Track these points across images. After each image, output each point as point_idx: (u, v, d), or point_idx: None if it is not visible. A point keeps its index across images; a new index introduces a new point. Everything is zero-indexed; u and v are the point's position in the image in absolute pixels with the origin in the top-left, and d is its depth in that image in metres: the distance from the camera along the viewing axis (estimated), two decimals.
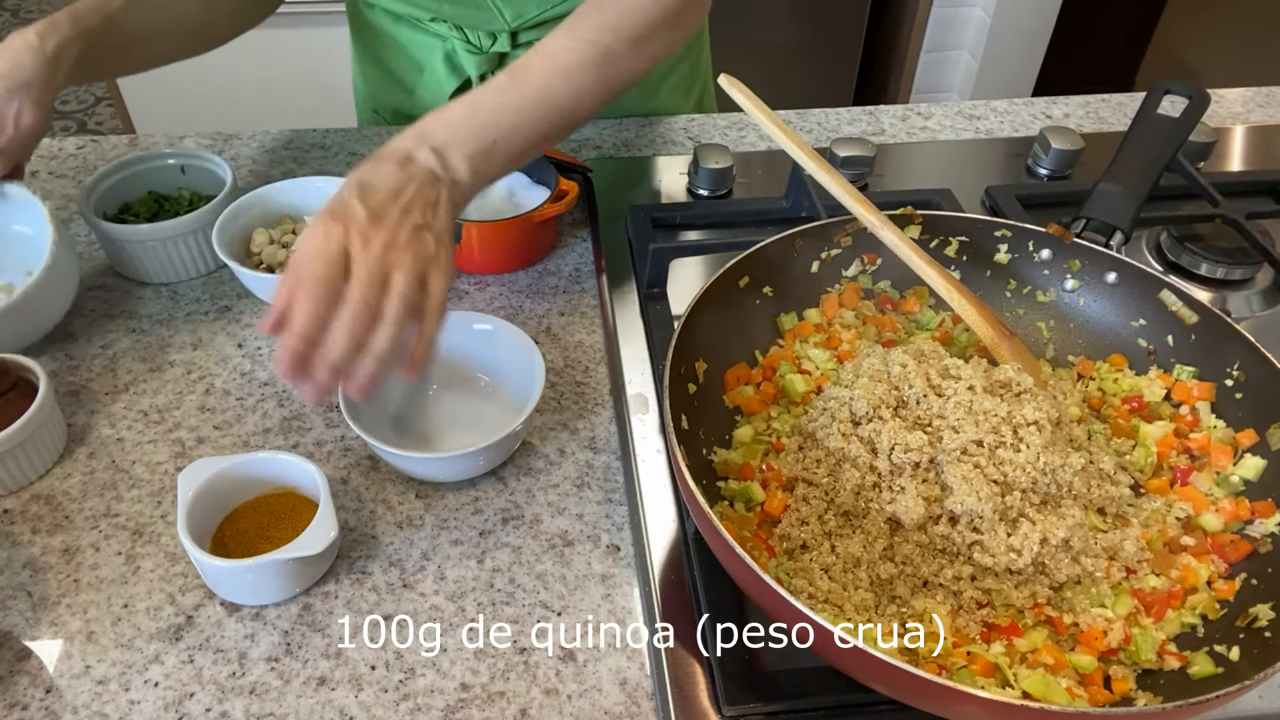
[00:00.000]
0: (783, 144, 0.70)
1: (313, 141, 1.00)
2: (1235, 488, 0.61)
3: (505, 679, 0.57)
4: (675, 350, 0.60)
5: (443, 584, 0.62)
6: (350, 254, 0.55)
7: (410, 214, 0.57)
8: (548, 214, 0.81)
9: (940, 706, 0.47)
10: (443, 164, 0.60)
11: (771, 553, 0.58)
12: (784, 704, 0.54)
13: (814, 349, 0.69)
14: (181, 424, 0.71)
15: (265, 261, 0.79)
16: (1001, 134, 1.05)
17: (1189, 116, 0.78)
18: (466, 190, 0.62)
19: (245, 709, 0.55)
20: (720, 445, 0.64)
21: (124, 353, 0.77)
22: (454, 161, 0.61)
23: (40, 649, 0.58)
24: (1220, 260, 0.82)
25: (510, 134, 0.63)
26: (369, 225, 0.55)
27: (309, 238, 0.55)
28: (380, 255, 0.55)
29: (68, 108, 2.95)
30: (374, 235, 0.55)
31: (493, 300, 0.82)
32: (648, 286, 0.79)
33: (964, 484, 0.56)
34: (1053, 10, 2.19)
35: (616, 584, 0.62)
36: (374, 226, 0.56)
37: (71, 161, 0.97)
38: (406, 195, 0.58)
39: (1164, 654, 0.54)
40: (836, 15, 2.26)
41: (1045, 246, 0.72)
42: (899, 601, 0.56)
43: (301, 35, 1.89)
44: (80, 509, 0.65)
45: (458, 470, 0.66)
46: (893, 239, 0.68)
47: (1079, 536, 0.56)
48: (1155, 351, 0.68)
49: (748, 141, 1.02)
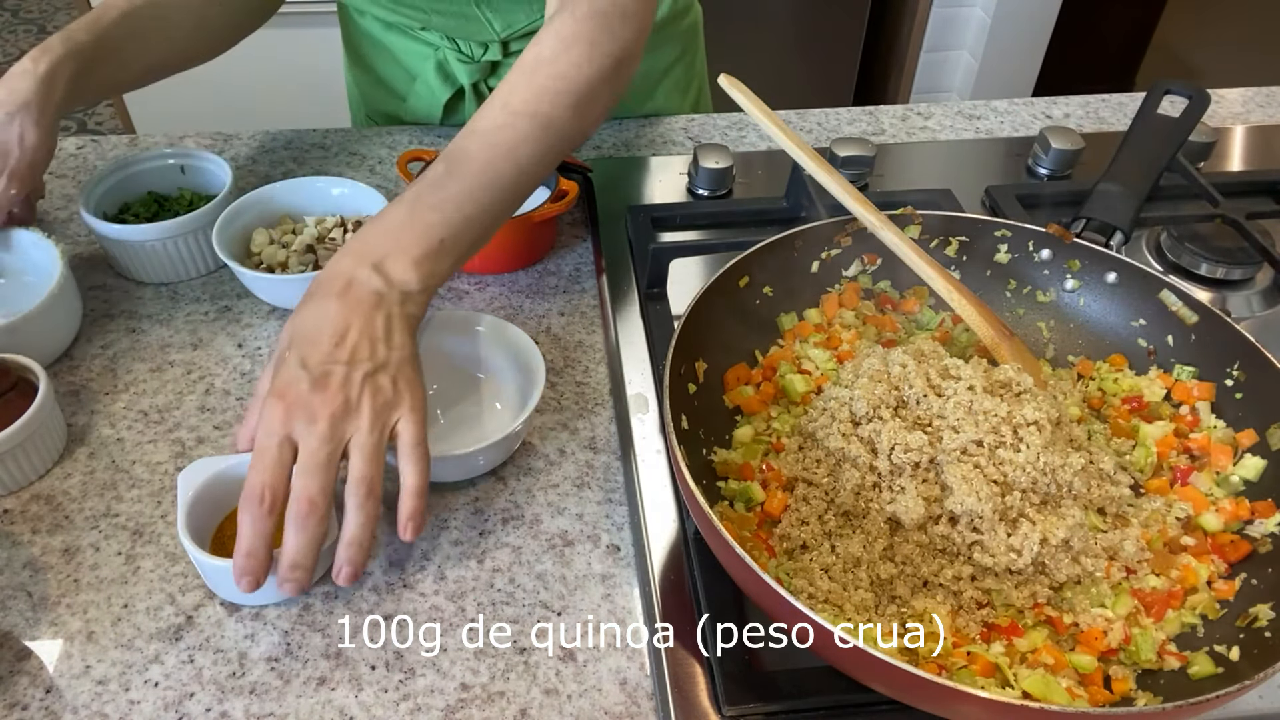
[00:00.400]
0: (783, 144, 0.70)
1: (313, 141, 1.00)
2: (1235, 488, 0.61)
3: (505, 679, 0.57)
4: (675, 350, 0.60)
5: (443, 584, 0.62)
6: (295, 439, 0.52)
7: (359, 363, 0.54)
8: (548, 214, 0.81)
9: (940, 706, 0.47)
10: (386, 280, 0.57)
11: (771, 553, 0.58)
12: (784, 704, 0.54)
13: (814, 349, 0.69)
14: (181, 424, 0.71)
15: (265, 261, 0.79)
16: (1001, 134, 1.05)
17: (1189, 116, 0.78)
18: (420, 299, 0.58)
19: (245, 709, 0.55)
20: (720, 445, 0.64)
21: (124, 353, 0.77)
22: (398, 273, 0.57)
23: (40, 649, 0.58)
24: (1220, 260, 0.82)
25: (459, 228, 0.60)
26: (312, 394, 0.53)
27: (258, 426, 0.53)
28: (328, 431, 0.52)
29: None
30: (320, 406, 0.52)
31: (493, 300, 0.82)
32: (648, 286, 0.79)
33: (964, 484, 0.56)
34: (1053, 10, 2.19)
35: (616, 584, 0.62)
36: (318, 394, 0.53)
37: (71, 161, 0.97)
38: (350, 339, 0.55)
39: (1164, 654, 0.54)
40: (836, 15, 2.26)
41: (1045, 246, 0.72)
42: (899, 601, 0.56)
43: (302, 35, 1.89)
44: (80, 509, 0.65)
45: (458, 470, 0.66)
46: (893, 239, 0.68)
47: (1079, 536, 0.56)
48: (1155, 351, 0.68)
49: (748, 141, 1.02)
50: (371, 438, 0.54)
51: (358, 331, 0.55)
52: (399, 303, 0.57)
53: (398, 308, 0.57)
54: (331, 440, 0.53)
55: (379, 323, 0.56)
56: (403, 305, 0.57)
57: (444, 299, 0.82)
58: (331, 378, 0.54)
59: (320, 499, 0.53)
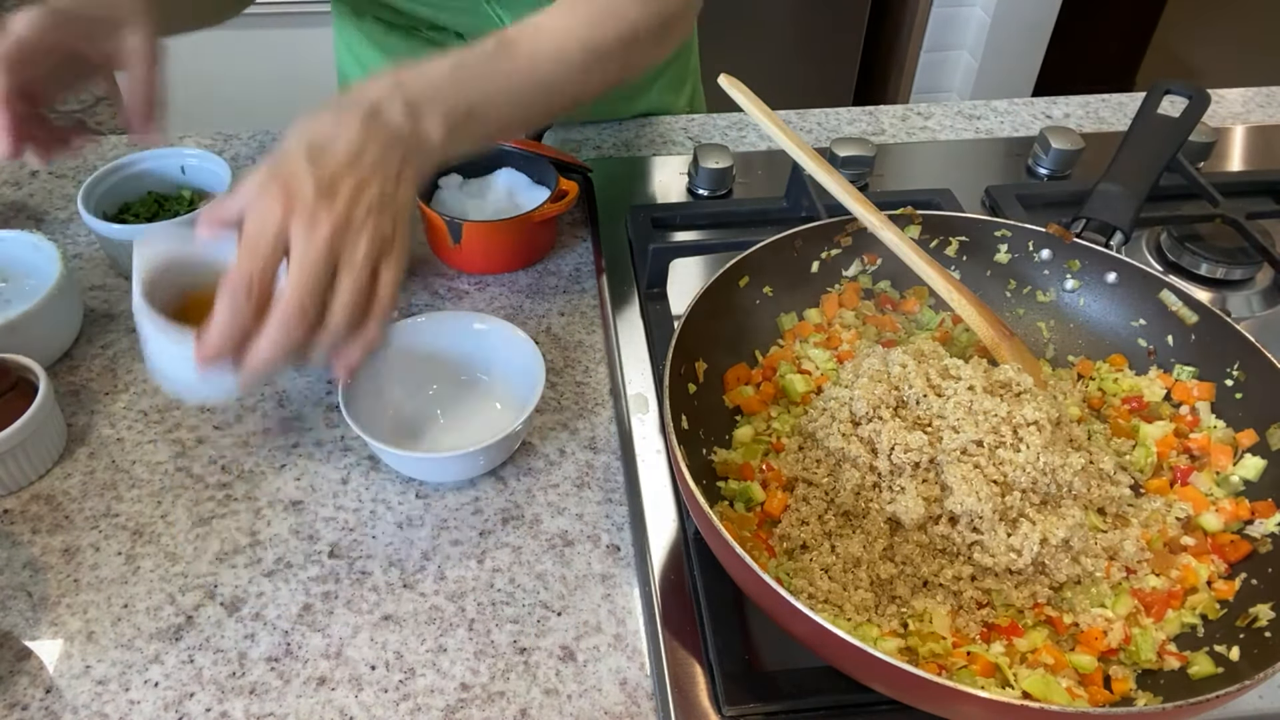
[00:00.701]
0: (783, 144, 0.70)
1: None
2: (1235, 488, 0.61)
3: (505, 679, 0.57)
4: (675, 350, 0.60)
5: (443, 584, 0.62)
6: (291, 238, 0.48)
7: (367, 187, 0.51)
8: (548, 214, 0.81)
9: (940, 706, 0.47)
10: (414, 123, 0.54)
11: (771, 553, 0.58)
12: (784, 704, 0.54)
13: (814, 349, 0.69)
14: (181, 424, 0.71)
15: None
16: (1001, 134, 1.05)
17: (1189, 116, 0.78)
18: (435, 158, 0.56)
19: (245, 709, 0.55)
20: (720, 445, 0.64)
21: (124, 353, 0.77)
22: (428, 122, 0.54)
23: (40, 649, 0.58)
24: (1220, 260, 0.82)
25: (490, 103, 0.58)
26: (317, 201, 0.49)
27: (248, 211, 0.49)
28: (327, 243, 0.49)
29: (67, 107, 2.95)
30: (322, 215, 0.49)
31: (493, 300, 0.82)
32: (648, 286, 0.79)
33: (964, 484, 0.56)
34: (1052, 10, 2.19)
35: (616, 584, 0.62)
36: (323, 202, 0.49)
37: (71, 161, 0.97)
38: (365, 163, 0.51)
39: (1164, 654, 0.54)
40: (836, 15, 2.26)
41: (1045, 246, 0.72)
42: (899, 601, 0.56)
43: (302, 36, 1.89)
44: (80, 509, 0.65)
45: (458, 470, 0.66)
46: (893, 239, 0.68)
47: (1079, 536, 0.56)
48: (1155, 351, 0.68)
49: (748, 141, 1.02)
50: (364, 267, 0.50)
51: (373, 158, 0.52)
52: (416, 151, 0.54)
53: (414, 155, 0.54)
54: (329, 253, 0.49)
55: (394, 160, 0.53)
56: (418, 155, 0.54)
57: (444, 299, 0.82)
58: (340, 189, 0.50)
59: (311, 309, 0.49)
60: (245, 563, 0.62)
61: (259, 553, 0.63)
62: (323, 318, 0.50)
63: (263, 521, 0.65)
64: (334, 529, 0.64)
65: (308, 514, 0.65)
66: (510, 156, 0.88)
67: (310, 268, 0.49)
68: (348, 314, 0.50)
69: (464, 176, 0.87)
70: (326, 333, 0.51)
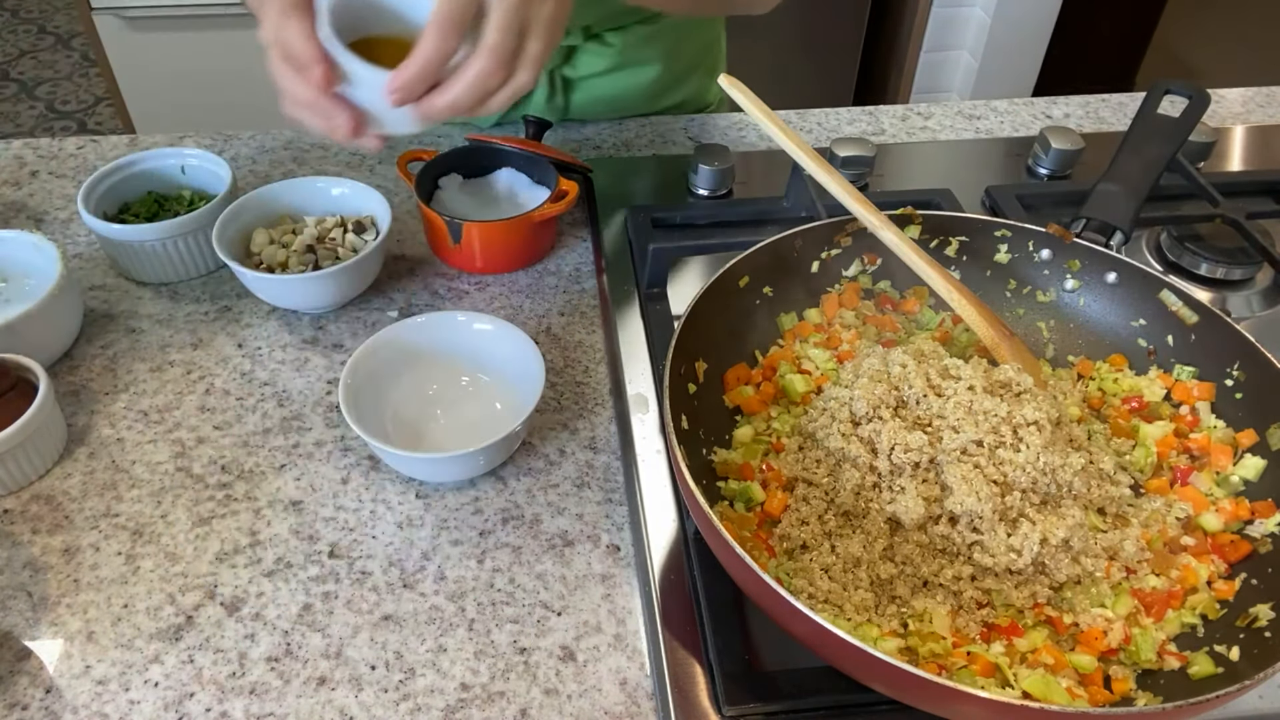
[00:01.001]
0: (783, 144, 0.70)
1: (313, 141, 1.00)
2: (1235, 488, 0.61)
3: (505, 679, 0.57)
4: (675, 350, 0.60)
5: (443, 584, 0.62)
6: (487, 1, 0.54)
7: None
8: (548, 214, 0.81)
9: (940, 706, 0.47)
10: None
11: (771, 553, 0.58)
12: (784, 704, 0.54)
13: (814, 349, 0.69)
14: (181, 424, 0.71)
15: (265, 261, 0.79)
16: (1001, 134, 1.05)
17: (1189, 116, 0.78)
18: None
19: (245, 709, 0.55)
20: (720, 445, 0.64)
21: (124, 353, 0.77)
22: None
23: (40, 649, 0.58)
24: (1220, 260, 0.82)
25: None
26: None
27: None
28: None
29: (68, 108, 2.95)
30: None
31: (493, 300, 0.82)
32: (648, 286, 0.79)
33: (964, 484, 0.56)
34: (1053, 10, 2.19)
35: (616, 584, 0.62)
36: None
37: (71, 161, 0.97)
38: None
39: (1164, 654, 0.54)
40: (836, 15, 2.26)
41: (1045, 246, 0.72)
42: (899, 601, 0.56)
43: None
44: (80, 509, 0.65)
45: (458, 470, 0.66)
46: (893, 239, 0.68)
47: (1079, 536, 0.56)
48: (1155, 351, 0.68)
49: (748, 141, 1.02)
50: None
51: None
52: None
53: None
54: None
55: None
56: None
57: (444, 299, 0.82)
58: None
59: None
60: (245, 563, 0.62)
61: (259, 553, 0.63)
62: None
63: (263, 521, 0.65)
64: (334, 529, 0.64)
65: (308, 514, 0.65)
66: (510, 156, 0.88)
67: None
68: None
69: (464, 176, 0.87)
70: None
